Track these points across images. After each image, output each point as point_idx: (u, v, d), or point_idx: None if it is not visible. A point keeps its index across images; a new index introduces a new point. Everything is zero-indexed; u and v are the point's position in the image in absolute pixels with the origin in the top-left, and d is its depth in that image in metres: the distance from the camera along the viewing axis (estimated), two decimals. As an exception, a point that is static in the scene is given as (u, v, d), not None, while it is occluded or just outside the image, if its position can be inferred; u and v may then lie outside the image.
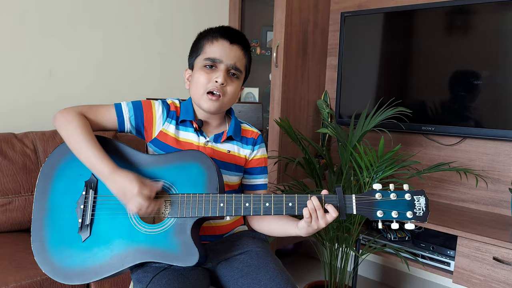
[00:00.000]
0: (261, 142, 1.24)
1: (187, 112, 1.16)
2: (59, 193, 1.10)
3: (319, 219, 1.00)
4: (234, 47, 1.14)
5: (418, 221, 0.98)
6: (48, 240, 1.07)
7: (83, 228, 1.06)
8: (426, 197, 0.98)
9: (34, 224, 1.09)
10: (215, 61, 1.12)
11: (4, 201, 1.60)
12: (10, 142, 1.67)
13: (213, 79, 1.11)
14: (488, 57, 1.91)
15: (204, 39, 1.15)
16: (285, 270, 1.11)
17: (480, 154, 2.03)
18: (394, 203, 0.98)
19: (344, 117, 2.36)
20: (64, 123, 1.06)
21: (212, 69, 1.12)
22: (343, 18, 2.32)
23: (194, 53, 1.17)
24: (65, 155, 1.10)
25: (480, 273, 1.68)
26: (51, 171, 1.11)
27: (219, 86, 1.11)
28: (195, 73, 1.14)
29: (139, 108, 1.14)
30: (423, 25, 2.10)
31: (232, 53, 1.13)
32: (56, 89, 2.00)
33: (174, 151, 1.12)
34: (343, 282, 1.92)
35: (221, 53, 1.12)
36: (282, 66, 2.26)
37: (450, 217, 1.89)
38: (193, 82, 1.14)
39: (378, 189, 1.00)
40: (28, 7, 1.87)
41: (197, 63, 1.15)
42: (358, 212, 0.99)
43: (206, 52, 1.13)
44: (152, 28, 2.34)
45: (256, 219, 1.21)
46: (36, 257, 1.07)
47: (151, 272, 1.06)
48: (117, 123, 1.12)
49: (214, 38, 1.13)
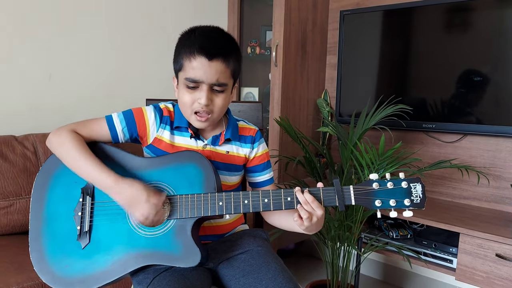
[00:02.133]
0: (260, 138, 1.23)
1: (181, 118, 1.14)
2: (55, 202, 1.08)
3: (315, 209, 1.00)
4: (214, 63, 1.04)
5: (416, 208, 0.98)
6: (47, 250, 1.06)
7: (82, 235, 1.06)
8: (422, 184, 0.99)
9: (32, 234, 1.08)
10: (196, 82, 1.05)
11: (5, 203, 1.60)
12: (11, 144, 1.67)
13: (197, 99, 1.06)
14: (489, 54, 1.90)
15: (182, 51, 1.06)
16: (286, 269, 1.10)
17: (481, 151, 2.03)
18: (392, 191, 0.99)
19: (344, 116, 2.36)
20: (58, 143, 1.06)
21: (194, 89, 1.06)
22: (342, 16, 2.32)
23: (176, 63, 1.10)
24: (59, 163, 1.08)
25: (483, 270, 1.68)
26: (46, 180, 1.10)
27: (203, 106, 1.06)
28: (180, 89, 1.10)
29: (131, 118, 1.11)
30: (423, 22, 2.09)
31: (213, 70, 1.04)
32: (56, 92, 2.00)
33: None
34: (345, 281, 1.92)
35: (200, 73, 1.04)
36: (281, 66, 2.25)
37: (451, 214, 1.89)
38: (179, 97, 1.11)
39: (375, 179, 1.00)
40: (27, 10, 1.87)
41: (180, 78, 1.09)
42: (356, 202, 0.99)
43: (186, 70, 1.05)
44: (151, 29, 2.34)
45: (267, 214, 1.20)
46: (36, 267, 1.06)
47: (152, 274, 1.05)
48: (110, 136, 1.11)
49: (191, 54, 1.04)
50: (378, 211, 1.01)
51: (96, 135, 1.10)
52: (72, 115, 1.98)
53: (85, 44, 2.08)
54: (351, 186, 1.00)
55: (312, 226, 1.03)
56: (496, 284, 1.65)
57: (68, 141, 1.05)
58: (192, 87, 1.06)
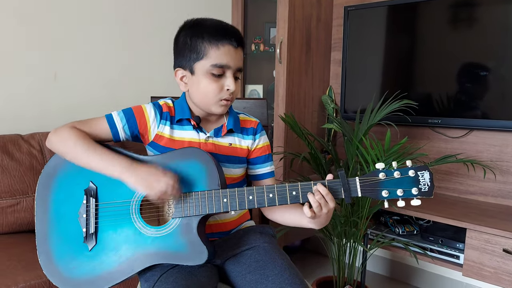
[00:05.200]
0: (262, 130, 1.22)
1: (183, 110, 1.14)
2: (59, 204, 1.08)
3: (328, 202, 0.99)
4: (239, 50, 1.10)
5: (424, 196, 0.96)
6: (54, 252, 1.07)
7: (88, 237, 1.06)
8: (430, 172, 0.96)
9: (38, 237, 1.08)
10: (223, 67, 1.08)
11: (12, 202, 1.61)
12: (17, 143, 1.68)
13: (224, 87, 1.09)
14: (494, 48, 1.89)
15: (204, 41, 1.07)
16: (293, 265, 1.10)
17: (487, 145, 2.01)
18: (399, 181, 0.96)
19: (349, 112, 2.35)
20: (61, 141, 1.06)
21: (219, 77, 1.09)
22: (346, 12, 2.31)
23: (192, 55, 1.08)
24: (60, 165, 1.08)
25: (490, 266, 1.67)
26: (49, 182, 1.10)
27: (231, 93, 1.10)
28: (201, 81, 1.09)
29: (131, 116, 1.11)
30: (427, 17, 2.08)
31: (238, 57, 1.10)
32: (61, 91, 2.01)
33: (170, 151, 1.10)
34: (351, 277, 1.91)
35: (228, 58, 1.07)
36: (286, 62, 2.25)
37: (458, 210, 1.88)
38: (200, 89, 1.10)
39: (381, 169, 0.98)
40: (32, 9, 1.88)
41: (200, 68, 1.08)
42: (363, 194, 0.97)
43: (212, 57, 1.06)
44: (155, 27, 2.34)
45: (269, 210, 1.19)
46: (44, 269, 1.07)
47: (159, 271, 1.05)
48: (111, 134, 1.11)
49: (218, 41, 1.06)
50: (386, 201, 0.99)
51: (96, 134, 1.10)
52: (77, 113, 1.98)
53: (90, 42, 2.09)
54: (357, 178, 0.98)
55: (321, 219, 1.02)
56: (504, 279, 1.64)
57: (71, 137, 1.05)
58: (218, 75, 1.08)
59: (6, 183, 1.61)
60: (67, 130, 1.06)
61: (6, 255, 1.45)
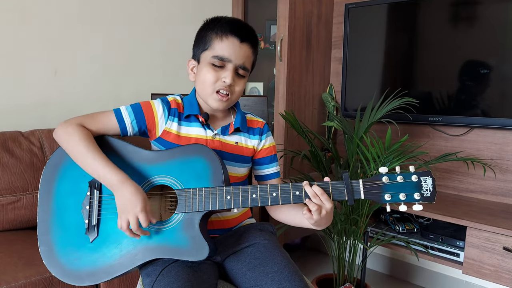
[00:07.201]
0: (268, 131, 1.23)
1: (192, 106, 1.15)
2: (63, 195, 1.09)
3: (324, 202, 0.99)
4: (244, 46, 1.10)
5: (426, 201, 0.97)
6: (56, 243, 1.07)
7: (90, 229, 1.06)
8: (432, 178, 0.97)
9: (40, 227, 1.08)
10: (223, 60, 1.09)
11: (13, 199, 1.61)
12: (17, 140, 1.68)
13: (221, 78, 1.09)
14: (495, 46, 1.88)
15: (212, 33, 1.10)
16: (293, 262, 1.10)
17: (488, 144, 2.01)
18: (401, 185, 0.97)
19: (349, 110, 2.35)
20: (65, 137, 1.06)
21: (220, 68, 1.09)
22: (347, 9, 2.30)
23: (201, 45, 1.12)
24: (66, 156, 1.08)
25: (490, 264, 1.67)
26: (53, 173, 1.10)
27: (227, 86, 1.09)
28: (202, 69, 1.11)
29: (139, 111, 1.12)
30: (428, 15, 2.08)
31: (242, 52, 1.09)
32: (62, 87, 2.01)
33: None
34: (351, 275, 1.92)
35: (230, 52, 1.08)
36: (286, 60, 2.24)
37: (458, 208, 1.88)
38: (200, 77, 1.12)
39: (384, 173, 0.99)
40: (32, 5, 1.88)
41: (204, 58, 1.11)
42: (366, 196, 0.98)
43: (215, 48, 1.09)
44: (155, 23, 2.34)
45: (274, 209, 1.19)
46: (45, 261, 1.07)
47: (160, 265, 1.05)
48: (119, 129, 1.11)
49: (223, 34, 1.08)
50: (388, 205, 1.00)
51: (104, 128, 1.10)
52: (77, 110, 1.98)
53: (90, 39, 2.08)
54: (360, 180, 0.99)
55: (321, 220, 1.02)
56: (504, 277, 1.64)
57: (75, 135, 1.04)
58: (218, 66, 1.09)
59: (6, 180, 1.60)
60: (73, 127, 1.06)
61: (6, 251, 1.45)
